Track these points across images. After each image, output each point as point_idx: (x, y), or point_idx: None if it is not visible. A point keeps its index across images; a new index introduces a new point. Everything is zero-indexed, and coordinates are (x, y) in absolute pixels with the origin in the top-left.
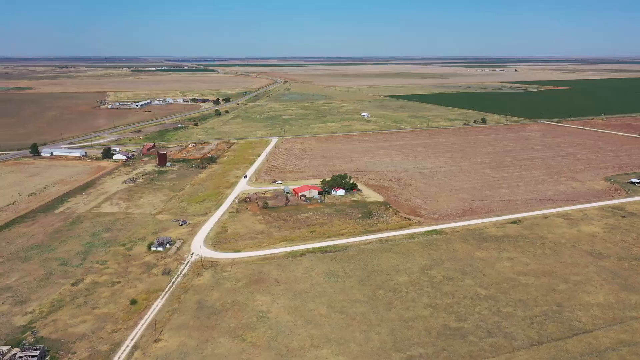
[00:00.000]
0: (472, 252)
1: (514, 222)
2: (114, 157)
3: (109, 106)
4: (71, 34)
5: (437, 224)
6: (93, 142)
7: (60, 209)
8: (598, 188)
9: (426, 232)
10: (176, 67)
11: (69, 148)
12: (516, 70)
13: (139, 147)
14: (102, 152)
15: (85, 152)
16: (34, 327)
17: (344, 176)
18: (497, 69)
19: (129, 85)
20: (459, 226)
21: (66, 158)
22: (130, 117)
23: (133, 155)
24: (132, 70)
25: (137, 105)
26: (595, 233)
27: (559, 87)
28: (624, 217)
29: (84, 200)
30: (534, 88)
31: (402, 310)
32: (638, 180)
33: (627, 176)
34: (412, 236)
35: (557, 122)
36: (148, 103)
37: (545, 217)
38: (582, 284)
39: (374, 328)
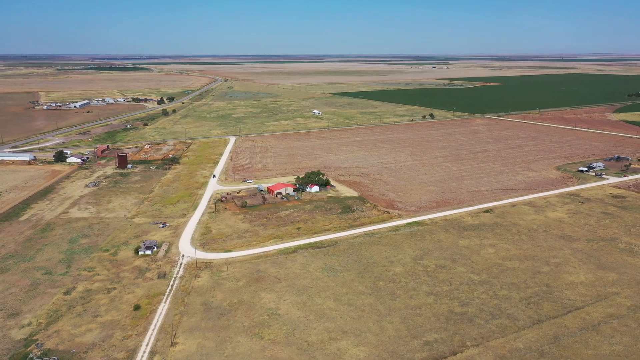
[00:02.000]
0: (456, 241)
1: (486, 211)
2: (68, 160)
3: (45, 107)
4: None
5: (416, 216)
6: (40, 145)
7: (25, 216)
8: (552, 177)
9: (408, 224)
10: (106, 65)
11: (14, 152)
12: (448, 68)
13: (91, 149)
14: (54, 156)
15: (34, 156)
16: (37, 339)
17: (317, 173)
18: (429, 67)
19: (60, 84)
20: (437, 217)
21: (14, 163)
22: (71, 118)
23: (88, 158)
24: (57, 69)
25: (75, 106)
26: (561, 218)
27: (491, 84)
28: (582, 202)
29: (48, 206)
30: (468, 84)
31: (407, 299)
32: (586, 169)
33: (574, 165)
34: (395, 228)
35: (498, 116)
36: (87, 103)
37: (513, 205)
38: (562, 266)
39: (385, 318)
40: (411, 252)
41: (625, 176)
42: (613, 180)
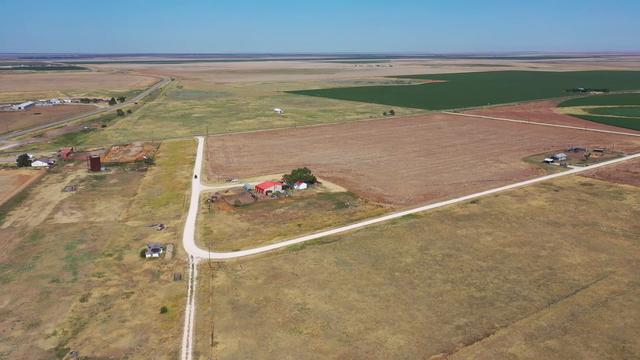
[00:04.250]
0: (453, 231)
1: (473, 201)
2: (33, 164)
3: None
4: None
5: (408, 209)
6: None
7: (7, 224)
8: (522, 168)
9: (403, 216)
10: (37, 65)
11: None
12: (391, 66)
13: (53, 152)
14: (17, 160)
15: None
16: (68, 348)
17: (305, 170)
18: (373, 65)
19: None
20: (428, 209)
21: None
22: (20, 121)
23: (54, 161)
24: None
25: (20, 107)
26: (543, 206)
27: (437, 81)
28: (556, 191)
29: (29, 213)
30: (416, 82)
31: (426, 288)
32: (551, 160)
33: (538, 156)
34: (393, 221)
35: (454, 111)
36: (32, 105)
37: (496, 195)
38: (557, 249)
39: (412, 306)
40: (415, 243)
41: (587, 165)
42: (577, 169)
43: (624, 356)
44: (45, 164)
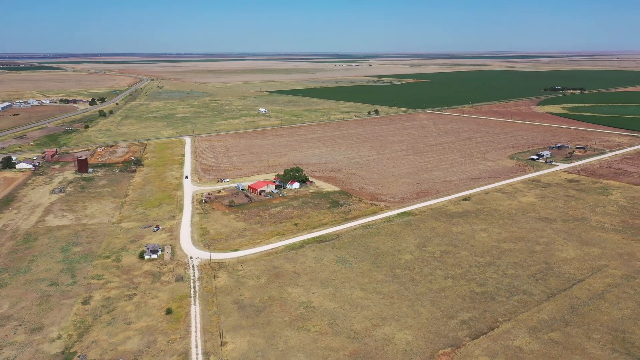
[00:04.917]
0: (449, 228)
1: (465, 199)
2: (17, 166)
3: None
4: None
5: (402, 207)
6: None
7: None
8: (509, 165)
9: (398, 214)
10: (10, 65)
11: None
12: (370, 65)
13: (37, 154)
14: (1, 162)
15: None
16: (75, 352)
17: (297, 169)
18: (353, 64)
19: None
20: (422, 207)
21: None
22: None
23: (39, 163)
24: None
25: None
26: (533, 202)
27: (418, 80)
28: (544, 187)
29: (18, 216)
30: (397, 81)
31: (428, 284)
32: (536, 157)
33: (524, 154)
34: (388, 219)
35: (437, 110)
36: (9, 105)
37: (487, 192)
38: (551, 244)
39: (416, 302)
40: (413, 241)
41: (572, 162)
42: (562, 166)
43: (625, 346)
44: (30, 166)
